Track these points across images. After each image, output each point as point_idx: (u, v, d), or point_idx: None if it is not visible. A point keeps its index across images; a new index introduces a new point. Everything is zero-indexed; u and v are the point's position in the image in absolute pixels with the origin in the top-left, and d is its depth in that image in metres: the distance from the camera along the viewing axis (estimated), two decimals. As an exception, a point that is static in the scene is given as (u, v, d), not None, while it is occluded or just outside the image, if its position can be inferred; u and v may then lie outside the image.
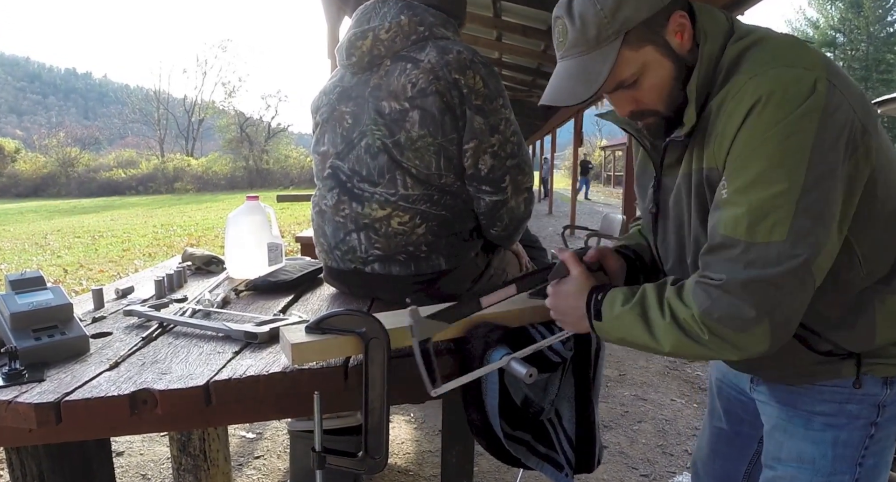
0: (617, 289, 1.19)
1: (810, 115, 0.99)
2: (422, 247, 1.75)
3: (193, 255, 2.48)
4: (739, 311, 1.02)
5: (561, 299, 1.29)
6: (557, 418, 1.50)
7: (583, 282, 1.26)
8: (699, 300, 1.05)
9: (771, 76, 1.02)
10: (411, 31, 1.75)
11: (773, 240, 1.00)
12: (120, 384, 1.23)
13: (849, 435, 1.21)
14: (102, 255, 10.97)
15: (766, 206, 1.00)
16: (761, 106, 1.01)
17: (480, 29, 8.55)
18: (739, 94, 1.04)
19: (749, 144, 1.02)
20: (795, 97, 0.99)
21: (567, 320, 1.30)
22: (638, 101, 1.18)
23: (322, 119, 1.88)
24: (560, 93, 1.15)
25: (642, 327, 1.12)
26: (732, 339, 1.04)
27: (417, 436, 3.35)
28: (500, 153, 1.75)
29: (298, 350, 1.26)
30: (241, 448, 3.22)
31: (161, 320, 1.64)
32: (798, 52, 1.06)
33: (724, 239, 1.04)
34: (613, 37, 1.10)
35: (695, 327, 1.06)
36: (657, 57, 1.13)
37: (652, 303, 1.12)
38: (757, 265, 1.01)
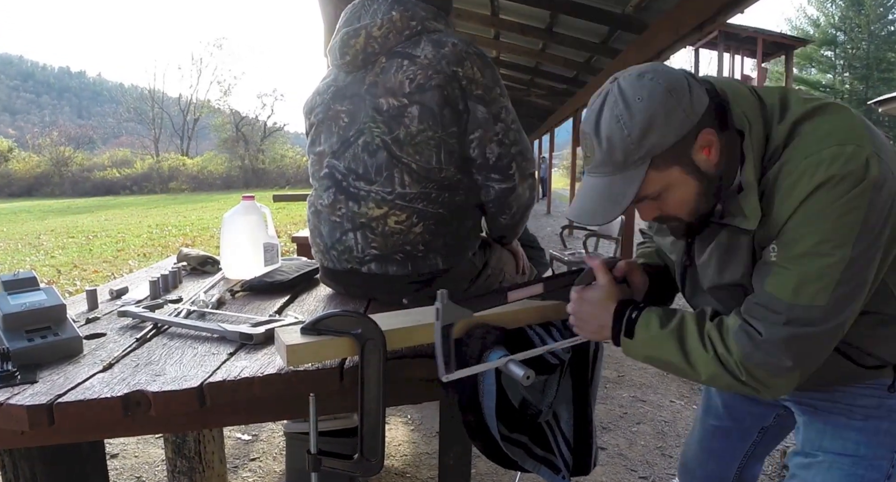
0: (653, 310, 1.24)
1: (864, 194, 1.04)
2: (419, 247, 1.75)
3: (188, 256, 2.48)
4: (778, 361, 1.10)
5: (585, 306, 1.32)
6: (555, 420, 1.50)
7: (609, 291, 1.30)
8: (741, 344, 1.12)
9: (827, 156, 1.06)
10: (404, 27, 1.76)
11: (816, 303, 1.08)
12: (113, 385, 1.23)
13: (890, 425, 1.30)
14: (96, 256, 10.95)
15: (814, 274, 1.07)
16: (826, 187, 1.05)
17: (478, 27, 8.55)
18: (797, 174, 1.08)
19: (806, 220, 1.07)
20: (853, 178, 1.04)
21: (586, 327, 1.33)
22: (662, 210, 1.21)
23: (317, 120, 1.88)
24: (587, 212, 1.18)
25: (678, 353, 1.18)
26: (767, 382, 1.12)
27: (414, 438, 3.34)
28: (505, 140, 1.77)
29: (294, 351, 1.26)
30: (236, 450, 3.21)
31: (155, 321, 1.64)
32: (846, 127, 1.10)
33: (770, 298, 1.11)
34: (640, 162, 1.12)
35: (734, 367, 1.13)
36: (683, 176, 1.15)
37: (692, 332, 1.18)
38: (797, 324, 1.09)
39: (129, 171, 47.54)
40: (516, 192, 1.84)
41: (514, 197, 1.84)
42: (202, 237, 13.39)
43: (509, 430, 1.42)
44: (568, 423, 1.50)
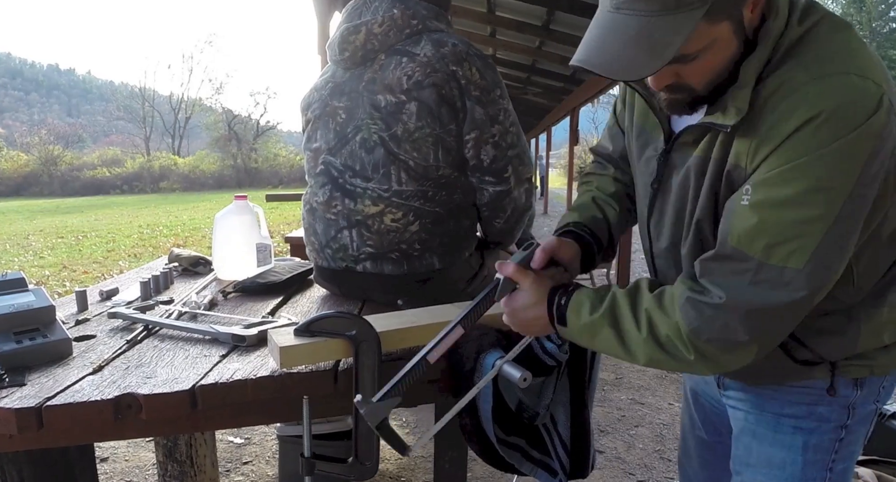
0: (582, 293, 1.12)
1: (867, 139, 0.91)
2: (415, 246, 1.75)
3: (180, 256, 2.47)
4: (732, 334, 0.98)
5: (519, 314, 1.20)
6: (552, 423, 1.50)
7: (536, 290, 1.17)
8: (688, 318, 1.00)
9: (837, 86, 0.92)
10: (405, 25, 1.76)
11: (789, 265, 0.94)
12: (103, 388, 1.22)
13: (819, 439, 1.18)
14: (86, 256, 10.93)
15: (791, 230, 0.93)
16: (821, 120, 0.91)
17: (474, 24, 8.55)
18: (798, 96, 0.93)
19: (795, 158, 0.92)
20: (859, 115, 0.90)
21: (533, 331, 1.23)
22: (681, 75, 1.02)
23: (314, 116, 1.88)
24: (613, 59, 0.94)
25: (614, 338, 1.07)
26: (717, 358, 1.01)
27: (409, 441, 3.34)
28: (501, 143, 1.77)
29: (287, 353, 1.26)
30: (228, 453, 3.21)
31: (146, 323, 1.63)
32: (866, 57, 0.96)
33: (735, 251, 0.98)
34: (698, 4, 0.91)
35: (678, 344, 1.01)
36: (729, 35, 0.98)
37: (625, 312, 1.06)
38: (763, 286, 0.96)
39: (120, 171, 47.53)
40: (511, 196, 1.83)
41: (509, 200, 1.84)
42: (194, 237, 13.37)
43: (506, 433, 1.42)
44: (565, 426, 1.50)
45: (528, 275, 1.17)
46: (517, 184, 1.83)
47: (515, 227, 1.93)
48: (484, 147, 1.75)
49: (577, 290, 1.13)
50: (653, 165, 1.22)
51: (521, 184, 1.84)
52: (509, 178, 1.81)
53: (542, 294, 1.16)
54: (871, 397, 1.19)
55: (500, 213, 1.86)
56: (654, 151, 1.22)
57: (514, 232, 1.95)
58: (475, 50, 1.76)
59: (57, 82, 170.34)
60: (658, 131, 1.20)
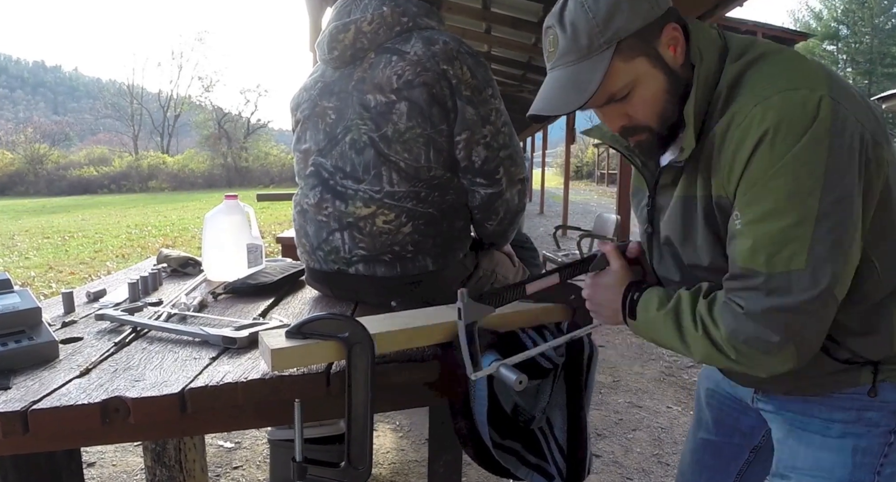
0: (653, 290, 1.24)
1: (819, 140, 1.00)
2: (408, 247, 1.75)
3: (169, 257, 2.47)
4: (764, 336, 1.05)
5: (599, 291, 1.34)
6: (549, 427, 1.50)
7: (622, 275, 1.31)
8: (726, 321, 1.09)
9: (776, 103, 1.03)
10: (395, 23, 1.76)
11: (793, 268, 1.02)
12: (91, 392, 1.22)
13: (868, 443, 1.21)
14: (73, 257, 10.90)
15: (781, 237, 1.03)
16: (770, 137, 1.02)
17: (468, 21, 8.56)
18: (746, 121, 1.05)
19: (760, 177, 1.03)
20: (802, 123, 1.01)
21: (602, 312, 1.35)
22: (630, 116, 1.19)
23: (303, 116, 1.88)
24: (550, 102, 1.16)
25: (675, 334, 1.16)
26: (759, 360, 1.08)
27: (403, 445, 3.34)
28: (493, 144, 1.76)
29: (279, 355, 1.26)
30: (218, 458, 3.21)
31: (135, 325, 1.63)
32: (799, 70, 1.07)
33: (744, 270, 1.07)
34: (605, 46, 1.11)
35: (724, 345, 1.09)
36: (649, 69, 1.14)
37: (686, 311, 1.15)
38: (779, 293, 1.04)
39: (107, 170, 47.31)
40: (503, 198, 1.83)
41: (501, 202, 1.84)
42: (183, 238, 13.35)
43: (501, 437, 1.43)
44: (561, 430, 1.50)
45: (620, 259, 1.34)
46: (509, 185, 1.83)
47: (509, 228, 1.93)
48: (475, 148, 1.75)
49: (650, 288, 1.25)
50: (644, 214, 1.36)
51: (513, 185, 1.84)
52: (501, 179, 1.80)
53: (624, 281, 1.31)
54: None
55: (493, 215, 1.86)
56: (644, 201, 1.36)
57: (507, 234, 1.95)
58: (466, 47, 1.76)
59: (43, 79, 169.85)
60: (644, 184, 1.35)
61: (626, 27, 1.10)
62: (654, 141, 1.22)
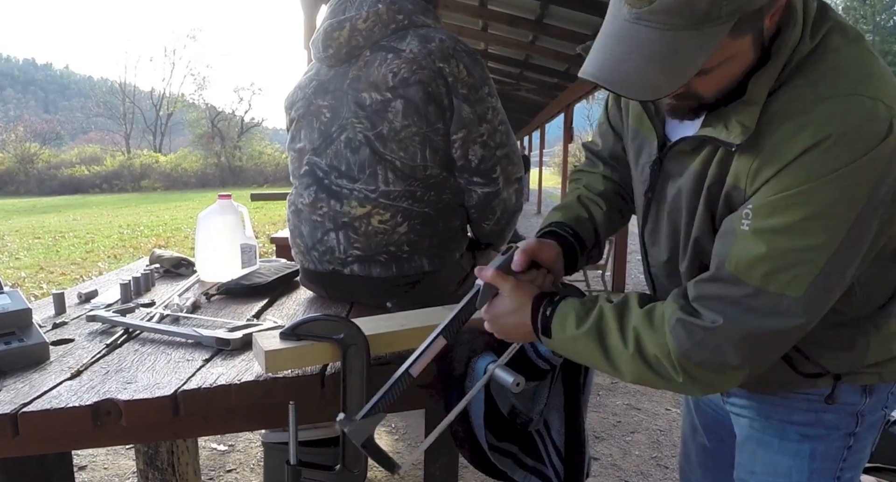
0: (568, 304, 1.11)
1: (874, 166, 0.89)
2: (404, 248, 1.75)
3: (161, 257, 2.46)
4: (723, 358, 0.97)
5: (500, 321, 1.20)
6: (546, 429, 1.50)
7: (518, 296, 1.17)
8: (679, 340, 0.98)
9: (846, 108, 0.90)
10: (390, 20, 1.76)
11: (787, 293, 0.93)
12: (82, 394, 1.22)
13: (827, 447, 1.18)
14: (64, 257, 10.88)
15: (791, 257, 0.93)
16: (828, 145, 0.89)
17: (465, 18, 8.56)
18: (805, 117, 0.92)
19: (799, 184, 0.91)
20: (866, 141, 0.89)
21: (516, 339, 1.24)
22: (691, 86, 0.98)
23: (298, 115, 1.88)
24: (632, 77, 0.91)
25: (600, 354, 1.06)
26: (706, 380, 1.00)
27: (399, 448, 3.34)
28: (490, 143, 1.76)
29: (273, 357, 1.25)
30: (211, 461, 3.20)
31: (127, 326, 1.62)
32: (875, 73, 0.95)
33: (732, 277, 0.97)
34: (726, 19, 0.87)
35: (666, 365, 1.00)
36: (748, 47, 0.95)
37: (611, 328, 1.05)
38: (759, 313, 0.95)
39: (99, 169, 47.25)
40: (500, 197, 1.84)
41: (498, 201, 1.84)
42: (176, 238, 13.33)
43: (498, 440, 1.42)
44: (559, 432, 1.50)
45: (509, 281, 1.18)
46: (506, 184, 1.83)
47: (506, 228, 1.93)
48: (472, 147, 1.75)
49: (563, 301, 1.13)
50: (647, 173, 1.21)
51: (510, 184, 1.84)
52: (498, 178, 1.81)
53: (525, 300, 1.16)
54: (880, 404, 1.20)
55: (490, 214, 1.86)
56: (648, 158, 1.21)
57: (504, 233, 1.96)
58: (463, 45, 1.76)
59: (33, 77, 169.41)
60: (652, 136, 1.19)
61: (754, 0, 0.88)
62: (693, 108, 1.05)
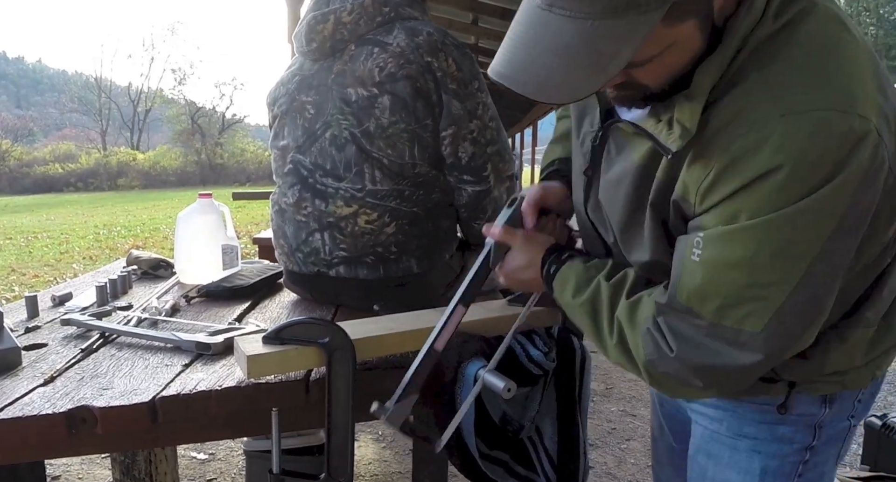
0: (570, 267, 1.11)
1: (844, 192, 0.81)
2: (391, 248, 1.75)
3: (139, 259, 2.46)
4: (686, 379, 0.95)
5: (514, 278, 1.23)
6: (538, 436, 1.51)
7: (529, 251, 1.18)
8: (647, 349, 0.97)
9: (809, 129, 0.80)
10: (376, 13, 1.76)
11: (745, 328, 0.88)
12: (56, 401, 1.21)
13: (779, 463, 1.13)
14: (37, 259, 10.82)
15: (745, 293, 0.87)
16: (783, 175, 0.81)
17: (454, 11, 8.56)
18: (760, 135, 0.82)
19: (748, 216, 0.84)
20: (831, 166, 0.80)
21: (535, 289, 1.26)
22: (632, 77, 0.91)
23: (281, 111, 1.88)
24: (544, 75, 0.82)
25: (592, 329, 1.07)
26: (672, 388, 1.00)
27: (386, 456, 3.34)
28: (480, 140, 1.77)
29: (255, 362, 1.25)
30: (191, 470, 3.19)
31: (103, 330, 1.62)
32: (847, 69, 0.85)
33: (686, 309, 0.92)
34: (655, 5, 0.77)
35: (639, 365, 1.00)
36: (692, 33, 0.85)
37: (604, 309, 1.04)
38: (718, 342, 0.91)
39: (74, 167, 47.15)
40: (491, 196, 1.84)
41: (489, 200, 1.84)
42: (154, 238, 13.28)
43: (489, 447, 1.43)
44: (552, 439, 1.51)
45: (517, 236, 1.20)
46: (497, 183, 1.83)
47: None
48: (462, 144, 1.76)
49: (567, 263, 1.13)
50: (587, 146, 1.13)
51: (501, 182, 1.84)
52: (489, 176, 1.81)
53: (536, 255, 1.17)
54: (844, 413, 1.14)
55: (480, 213, 1.86)
56: (591, 127, 1.13)
57: None
58: (452, 39, 1.76)
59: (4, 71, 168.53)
60: (595, 102, 1.11)
61: None
62: (638, 97, 0.96)
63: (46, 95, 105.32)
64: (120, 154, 50.73)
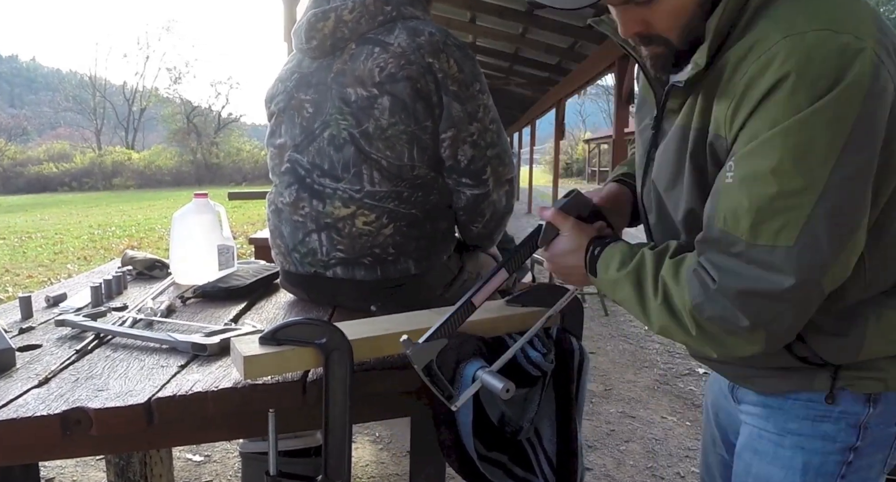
0: (615, 247, 1.16)
1: (849, 102, 0.89)
2: (389, 250, 1.75)
3: (134, 259, 2.45)
4: (733, 317, 0.97)
5: (559, 260, 1.27)
6: (537, 438, 1.51)
7: (577, 235, 1.24)
8: (693, 291, 1.00)
9: (810, 41, 0.90)
10: (377, 11, 1.75)
11: (779, 243, 0.93)
12: (50, 402, 1.21)
13: (822, 460, 1.14)
14: (31, 259, 10.81)
15: (775, 204, 0.92)
16: (791, 83, 0.90)
17: (452, 10, 8.57)
18: (768, 54, 0.92)
19: (767, 127, 0.92)
20: (834, 74, 0.88)
21: (573, 280, 1.30)
22: (649, 23, 1.04)
23: (278, 109, 1.88)
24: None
25: (635, 298, 1.10)
26: (720, 338, 1.01)
27: (383, 458, 3.34)
28: (480, 142, 1.76)
29: (251, 363, 1.25)
30: (186, 472, 3.19)
31: (97, 331, 1.62)
32: (849, 6, 0.94)
33: (722, 234, 0.98)
34: None
35: (685, 317, 1.02)
36: None
37: (648, 274, 1.08)
38: (755, 268, 0.95)
39: (68, 166, 47.06)
40: (490, 199, 1.83)
41: (488, 204, 1.84)
42: (149, 238, 13.28)
43: (487, 449, 1.43)
44: (551, 441, 1.51)
45: (569, 220, 1.25)
46: (497, 186, 1.83)
47: (495, 231, 1.93)
48: (461, 146, 1.75)
49: (612, 244, 1.17)
50: (647, 135, 1.24)
51: (500, 186, 1.84)
52: (488, 180, 1.80)
53: (582, 241, 1.22)
54: (891, 418, 1.13)
55: (479, 217, 1.86)
56: (650, 121, 1.24)
57: (493, 236, 1.95)
58: (454, 39, 1.75)
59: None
60: (652, 98, 1.22)
61: None
62: (670, 56, 1.09)
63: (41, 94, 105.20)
64: (115, 153, 50.65)
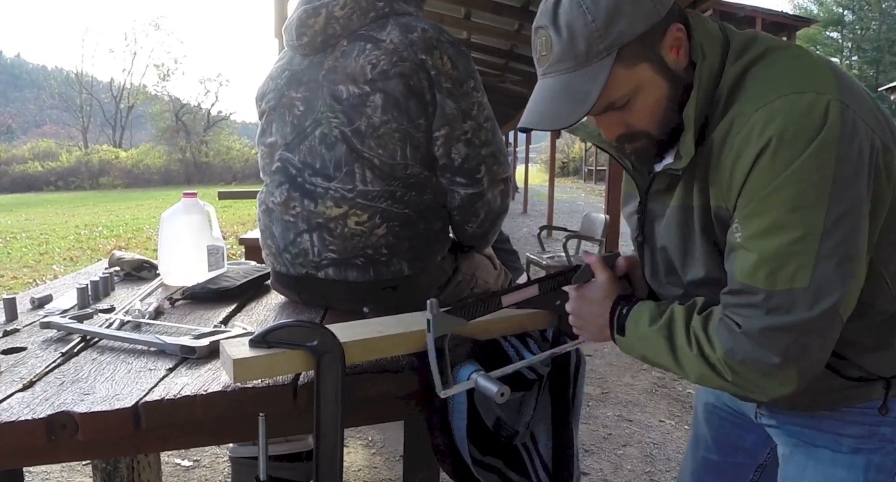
0: (644, 305, 1.24)
1: (826, 148, 1.00)
2: (382, 250, 1.75)
3: (122, 260, 2.45)
4: (763, 357, 1.05)
5: (584, 305, 1.34)
6: (532, 442, 1.51)
7: (609, 288, 1.31)
8: (723, 339, 1.09)
9: (779, 108, 1.02)
10: (369, 7, 1.75)
11: (796, 286, 1.02)
12: (35, 406, 1.21)
13: (882, 459, 1.22)
14: (16, 260, 10.79)
15: (783, 253, 1.02)
16: (773, 147, 1.01)
17: (446, 6, 8.56)
18: (747, 128, 1.05)
19: (762, 189, 1.03)
20: (808, 131, 1.00)
21: (587, 328, 1.35)
22: (628, 123, 1.18)
23: (269, 107, 1.87)
24: (544, 115, 1.14)
25: (668, 352, 1.16)
26: (758, 382, 1.08)
27: (376, 463, 3.34)
28: (474, 141, 1.76)
29: (241, 366, 1.25)
30: (175, 478, 3.18)
31: (84, 333, 1.61)
32: (804, 70, 1.07)
33: (743, 286, 1.07)
34: (605, 53, 1.08)
35: (720, 366, 1.09)
36: (652, 76, 1.13)
37: (679, 328, 1.15)
38: (779, 311, 1.04)
39: (54, 165, 46.86)
40: (484, 198, 1.83)
41: (482, 203, 1.83)
42: (137, 239, 13.25)
43: (482, 453, 1.43)
44: (546, 446, 1.51)
45: (607, 270, 1.34)
46: (491, 185, 1.82)
47: (489, 231, 1.93)
48: (455, 145, 1.75)
49: (640, 302, 1.25)
50: (634, 220, 1.37)
51: (495, 185, 1.84)
52: (482, 179, 1.80)
53: (611, 294, 1.30)
54: None
55: (473, 217, 1.85)
56: (635, 207, 1.36)
57: (487, 236, 1.95)
58: (447, 36, 1.75)
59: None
60: (634, 188, 1.36)
61: (629, 31, 1.08)
62: (652, 147, 1.21)
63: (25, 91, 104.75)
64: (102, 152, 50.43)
